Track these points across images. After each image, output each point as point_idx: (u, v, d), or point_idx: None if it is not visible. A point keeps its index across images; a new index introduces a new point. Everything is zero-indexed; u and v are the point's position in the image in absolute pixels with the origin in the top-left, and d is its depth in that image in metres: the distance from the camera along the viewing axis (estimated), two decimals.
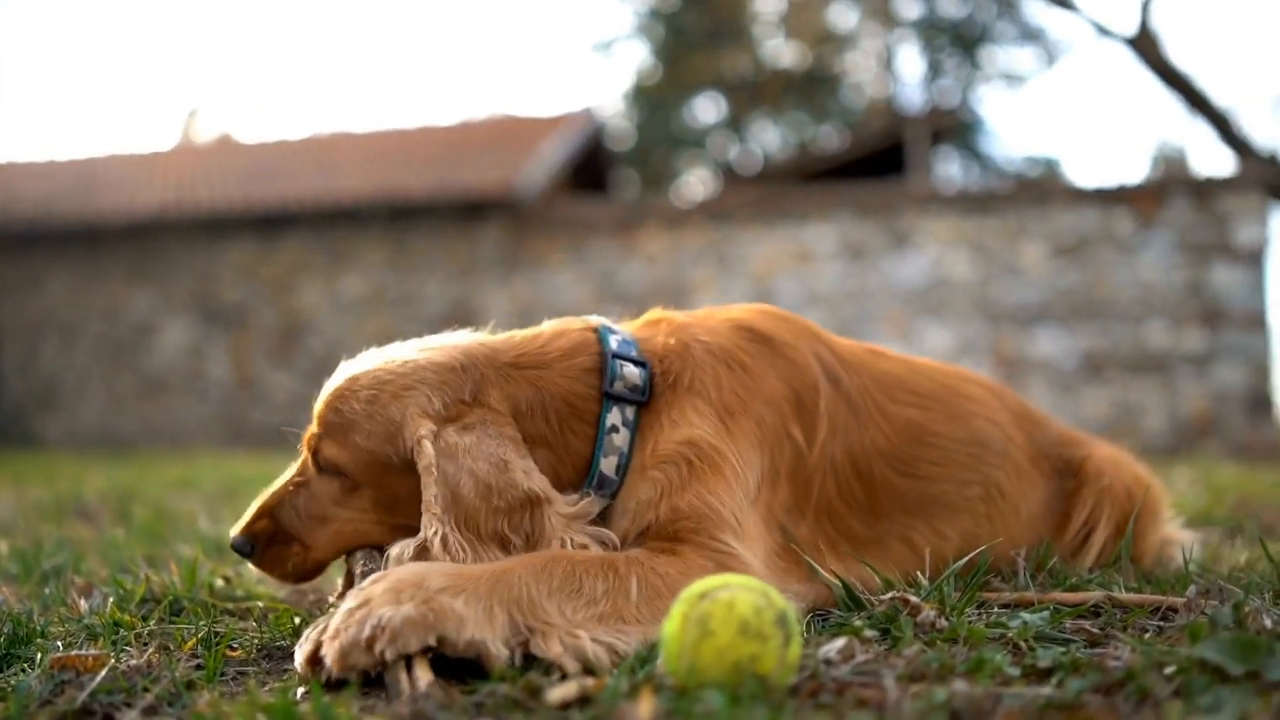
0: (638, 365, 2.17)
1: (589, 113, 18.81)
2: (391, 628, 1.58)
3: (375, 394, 2.05)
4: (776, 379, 2.25)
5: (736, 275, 13.93)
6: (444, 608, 1.63)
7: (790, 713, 1.42)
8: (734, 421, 2.14)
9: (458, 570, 1.74)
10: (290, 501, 2.17)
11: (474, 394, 2.08)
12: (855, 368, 2.43)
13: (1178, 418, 12.44)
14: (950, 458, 2.47)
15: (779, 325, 2.38)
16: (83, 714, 1.61)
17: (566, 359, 2.18)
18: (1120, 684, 1.53)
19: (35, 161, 19.58)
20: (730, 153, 32.60)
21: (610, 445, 2.12)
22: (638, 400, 2.16)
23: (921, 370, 2.60)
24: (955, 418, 2.52)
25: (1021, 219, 13.06)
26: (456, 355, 2.12)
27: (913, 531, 2.40)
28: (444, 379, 2.08)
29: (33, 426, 14.67)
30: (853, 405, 2.36)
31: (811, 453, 2.26)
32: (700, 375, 2.18)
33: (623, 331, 2.29)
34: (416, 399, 2.04)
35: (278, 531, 2.16)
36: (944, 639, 1.84)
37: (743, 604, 1.51)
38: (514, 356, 2.17)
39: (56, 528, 4.44)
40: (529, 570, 1.76)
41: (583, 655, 1.66)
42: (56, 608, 2.49)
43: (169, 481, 7.35)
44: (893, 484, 2.39)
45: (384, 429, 2.03)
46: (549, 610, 1.72)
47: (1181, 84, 14.81)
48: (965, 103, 29.33)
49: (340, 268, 15.29)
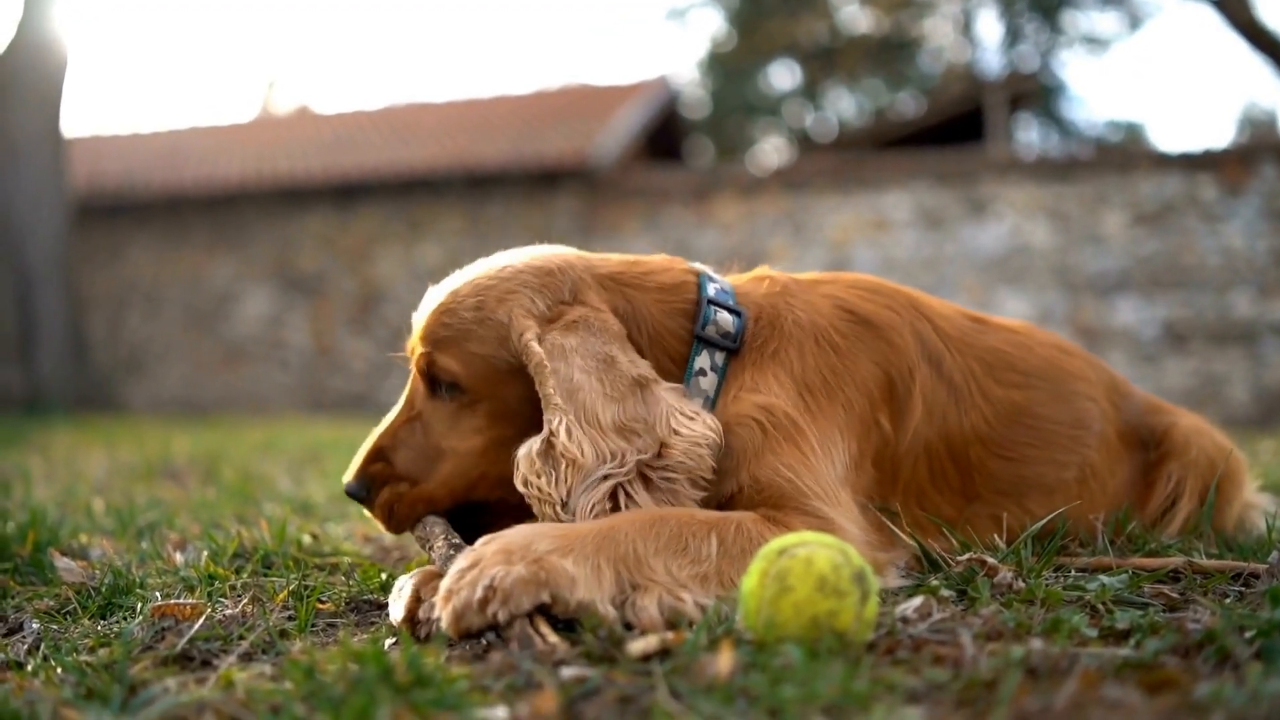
0: (733, 313, 2.18)
1: (664, 81, 18.75)
2: (504, 589, 1.60)
3: (481, 300, 2.08)
4: (870, 362, 2.22)
5: (812, 244, 13.86)
6: (555, 567, 1.64)
7: (867, 667, 1.45)
8: (815, 400, 2.12)
9: (564, 530, 1.75)
10: (403, 438, 2.15)
11: (573, 294, 2.11)
12: (959, 345, 2.38)
13: (1263, 388, 12.19)
14: (1051, 440, 2.43)
15: (881, 304, 2.33)
16: (182, 659, 1.68)
17: (663, 292, 2.19)
18: (1199, 646, 1.53)
19: (120, 134, 19.98)
20: (806, 120, 32.36)
21: (696, 388, 2.13)
22: (729, 347, 2.16)
23: (1026, 344, 2.54)
24: (1059, 398, 2.47)
25: (1102, 186, 12.83)
26: (555, 260, 2.15)
27: (1003, 511, 2.37)
28: (544, 281, 2.10)
29: (119, 393, 15.01)
30: (953, 387, 2.33)
31: (900, 439, 2.23)
32: (786, 346, 2.17)
33: (723, 281, 2.29)
34: (520, 300, 2.07)
35: (392, 473, 2.14)
36: (1021, 600, 1.84)
37: (821, 560, 1.54)
38: (613, 270, 2.20)
39: (148, 488, 4.58)
40: (635, 528, 1.78)
41: (682, 616, 1.67)
42: (153, 561, 2.58)
43: (253, 446, 7.51)
44: (989, 467, 2.36)
45: (495, 333, 2.06)
46: (655, 567, 1.73)
47: (1271, 45, 14.41)
48: (1046, 67, 28.80)
49: (417, 237, 15.43)
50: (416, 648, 1.52)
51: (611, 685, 1.42)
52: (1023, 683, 1.37)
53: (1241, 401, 12.15)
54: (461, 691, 1.39)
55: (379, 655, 1.44)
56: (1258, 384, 12.21)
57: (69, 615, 2.07)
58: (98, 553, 2.72)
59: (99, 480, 4.93)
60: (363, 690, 1.36)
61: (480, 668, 1.54)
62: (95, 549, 2.76)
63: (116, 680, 1.51)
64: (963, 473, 2.34)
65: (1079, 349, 2.71)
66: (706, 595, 1.73)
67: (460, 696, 1.37)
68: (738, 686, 1.37)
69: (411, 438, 2.15)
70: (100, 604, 2.12)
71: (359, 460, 2.17)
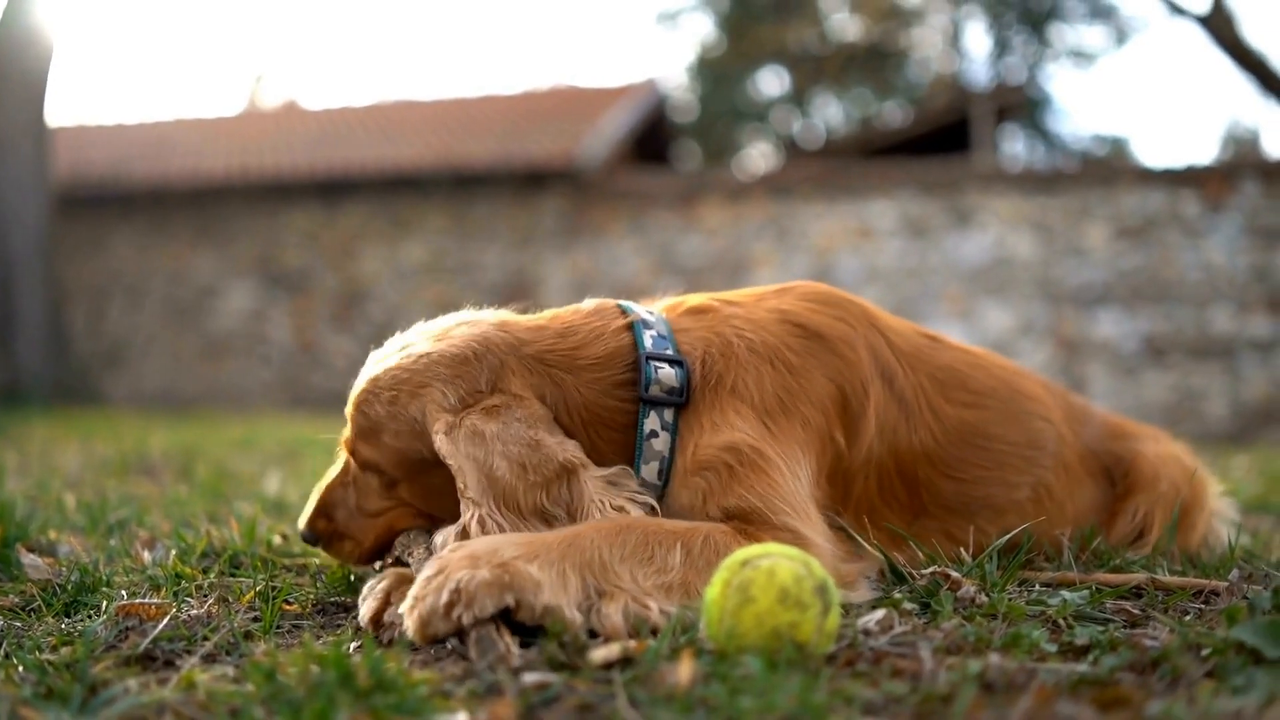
0: (674, 365, 2.10)
1: (652, 84, 18.76)
2: (468, 592, 1.60)
3: (395, 394, 2.05)
4: (824, 378, 2.17)
5: (797, 250, 13.88)
6: (520, 572, 1.64)
7: (826, 679, 1.46)
8: (776, 424, 2.07)
9: (530, 538, 1.75)
10: (340, 499, 2.21)
11: (491, 383, 2.04)
12: (912, 361, 2.34)
13: (1240, 404, 12.26)
14: (1002, 461, 2.39)
15: (832, 316, 2.28)
16: (145, 659, 1.68)
17: (597, 369, 2.11)
18: (1155, 664, 1.54)
19: (105, 125, 19.86)
20: (793, 127, 32.42)
21: (650, 451, 2.07)
22: (676, 402, 2.09)
23: (980, 364, 2.49)
24: (1012, 418, 2.43)
25: (1086, 199, 12.89)
26: (472, 344, 2.07)
27: (955, 528, 2.35)
28: (457, 372, 2.04)
29: (98, 385, 14.92)
30: (904, 404, 2.28)
31: (854, 455, 2.20)
32: (743, 376, 2.10)
33: (659, 322, 2.20)
34: (433, 395, 2.02)
35: (335, 529, 2.22)
36: (983, 614, 1.86)
37: (783, 572, 1.55)
38: (540, 350, 2.11)
39: (121, 483, 4.56)
40: (601, 535, 1.77)
41: (646, 624, 1.67)
42: (121, 559, 2.58)
43: (230, 442, 7.49)
44: (938, 486, 2.33)
45: (409, 428, 2.04)
46: (620, 574, 1.73)
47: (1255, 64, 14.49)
48: (1032, 80, 28.94)
49: (401, 235, 15.41)
50: (379, 652, 1.52)
51: (572, 693, 1.43)
52: (979, 697, 1.38)
53: (1219, 416, 12.22)
54: (422, 697, 1.40)
55: (340, 659, 1.45)
56: (1235, 399, 12.29)
57: (32, 613, 2.06)
58: (65, 549, 2.71)
59: (72, 474, 4.91)
60: (322, 694, 1.36)
61: (441, 673, 1.54)
62: (63, 545, 2.76)
63: (77, 680, 1.51)
64: (910, 490, 2.31)
65: (1033, 373, 2.68)
66: (671, 605, 1.73)
67: (420, 702, 1.38)
68: (697, 696, 1.38)
69: (347, 500, 2.21)
70: (65, 602, 2.11)
71: (309, 512, 2.24)
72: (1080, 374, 12.73)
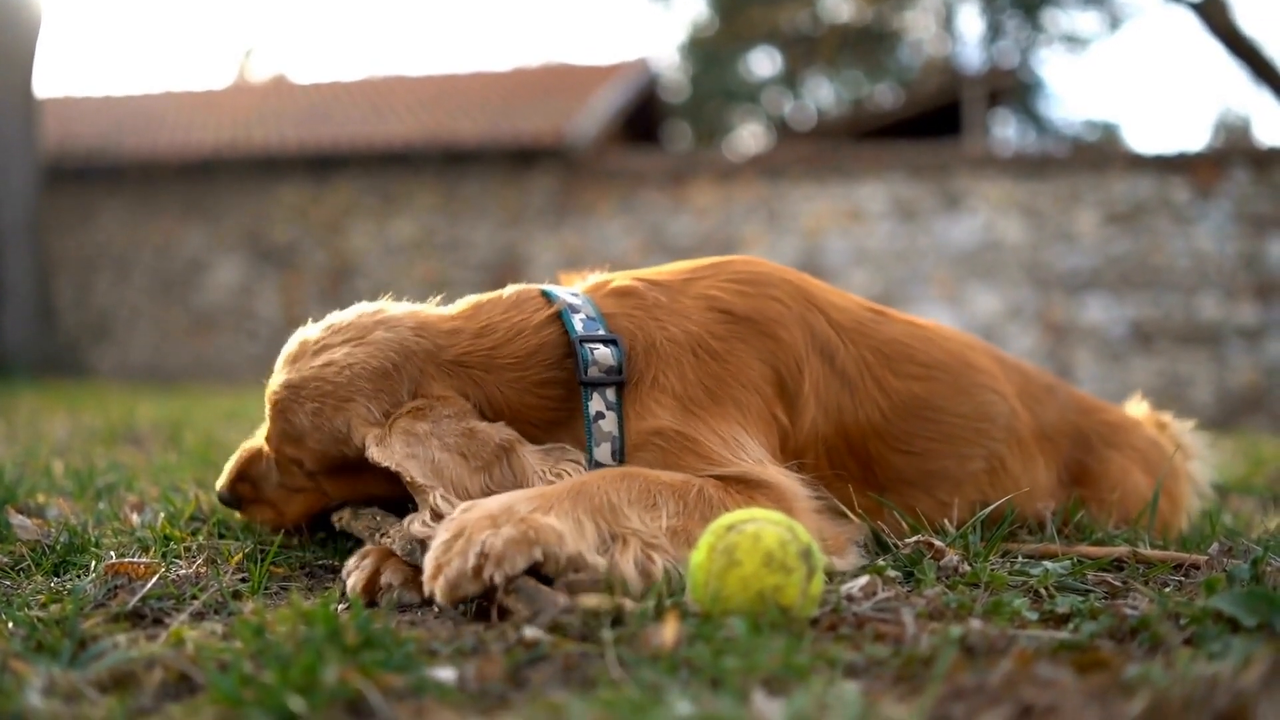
0: (608, 344, 2.09)
1: (643, 63, 18.75)
2: (496, 552, 1.60)
3: (319, 406, 2.05)
4: (756, 360, 2.15)
5: (786, 231, 13.89)
6: (541, 525, 1.65)
7: (809, 642, 1.48)
8: (704, 409, 2.06)
9: (537, 491, 1.77)
10: (264, 471, 2.27)
11: (413, 392, 2.06)
12: (854, 335, 2.30)
13: (1226, 390, 12.33)
14: (952, 434, 2.37)
15: (763, 297, 2.23)
16: (134, 616, 1.69)
17: (518, 368, 2.11)
18: (1134, 631, 1.56)
19: (93, 97, 19.75)
20: (784, 108, 32.40)
21: (600, 432, 2.06)
22: (617, 380, 2.08)
23: (927, 336, 2.45)
24: (961, 391, 2.40)
25: (1076, 184, 12.93)
26: (392, 356, 2.07)
27: (915, 502, 2.34)
28: (380, 386, 2.05)
29: (85, 358, 14.91)
30: (847, 380, 2.26)
31: (798, 432, 2.19)
32: (664, 370, 2.09)
33: (585, 304, 2.17)
34: (357, 410, 2.04)
35: (256, 496, 2.30)
36: (965, 583, 1.88)
37: (768, 536, 1.56)
38: (458, 354, 2.11)
39: (109, 451, 4.56)
40: (607, 481, 1.80)
41: (652, 576, 1.70)
42: (110, 521, 2.58)
43: (218, 413, 7.48)
44: (889, 460, 2.31)
45: (333, 436, 2.05)
46: (630, 517, 1.76)
47: (1248, 51, 14.51)
48: (1025, 64, 28.94)
49: (391, 211, 15.38)
50: (367, 611, 1.54)
51: (559, 651, 1.45)
52: (960, 660, 1.40)
53: (1205, 403, 12.28)
54: (409, 653, 1.41)
55: (329, 616, 1.46)
56: (1221, 386, 12.36)
57: (22, 572, 2.07)
58: (54, 512, 2.71)
59: (60, 442, 4.91)
60: (311, 650, 1.37)
61: (429, 632, 1.56)
62: (52, 508, 2.76)
63: (67, 635, 1.52)
64: (863, 465, 2.29)
65: (987, 346, 2.65)
66: (676, 551, 1.75)
67: (408, 658, 1.39)
68: (681, 657, 1.39)
69: (271, 473, 2.27)
70: (54, 561, 2.12)
71: (229, 474, 2.31)
72: (1068, 359, 12.78)
